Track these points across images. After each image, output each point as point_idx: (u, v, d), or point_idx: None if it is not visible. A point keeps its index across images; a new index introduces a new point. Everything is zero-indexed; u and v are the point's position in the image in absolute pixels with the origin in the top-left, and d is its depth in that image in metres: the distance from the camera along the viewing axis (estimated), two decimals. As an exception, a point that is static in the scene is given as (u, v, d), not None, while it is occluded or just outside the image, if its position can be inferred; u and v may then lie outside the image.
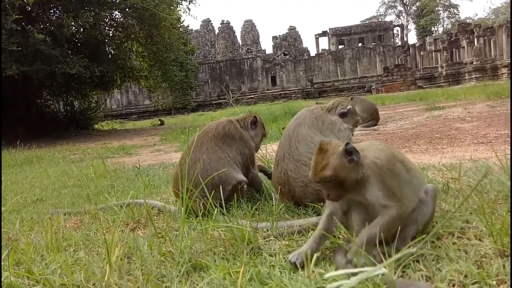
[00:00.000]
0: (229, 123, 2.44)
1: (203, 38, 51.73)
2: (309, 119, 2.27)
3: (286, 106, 15.42)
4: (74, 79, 15.82)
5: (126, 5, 15.86)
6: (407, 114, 9.04)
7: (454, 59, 37.90)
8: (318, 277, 1.27)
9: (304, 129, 2.20)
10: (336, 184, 1.35)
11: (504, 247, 1.32)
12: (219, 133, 2.37)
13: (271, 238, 1.73)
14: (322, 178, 1.35)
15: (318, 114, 2.32)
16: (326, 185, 1.37)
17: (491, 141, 4.03)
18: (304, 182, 2.08)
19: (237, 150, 2.38)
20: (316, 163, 1.37)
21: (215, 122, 2.51)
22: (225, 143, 2.35)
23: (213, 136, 2.34)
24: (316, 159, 1.37)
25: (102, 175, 4.41)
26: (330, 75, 46.57)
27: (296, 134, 2.20)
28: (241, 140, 2.43)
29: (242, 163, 2.40)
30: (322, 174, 1.35)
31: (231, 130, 2.41)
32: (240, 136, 2.43)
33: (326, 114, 2.36)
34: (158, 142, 10.11)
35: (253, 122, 2.54)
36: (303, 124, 2.24)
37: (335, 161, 1.34)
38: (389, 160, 1.41)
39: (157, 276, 1.45)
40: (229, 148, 2.36)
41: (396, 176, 1.40)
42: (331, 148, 1.37)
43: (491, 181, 2.14)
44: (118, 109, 44.12)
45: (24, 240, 2.01)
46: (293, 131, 2.23)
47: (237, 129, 2.44)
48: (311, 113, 2.32)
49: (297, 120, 2.30)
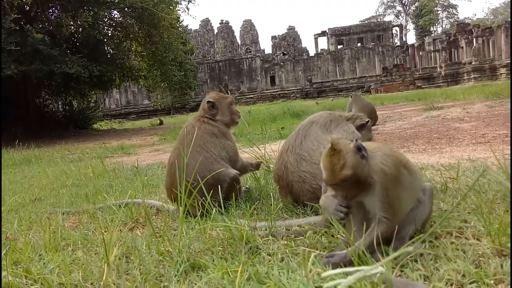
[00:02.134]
0: (199, 122, 2.40)
1: (202, 38, 51.73)
2: (323, 120, 2.26)
3: (285, 106, 15.43)
4: (73, 79, 15.80)
5: (125, 5, 15.85)
6: (406, 114, 9.05)
7: (453, 59, 37.94)
8: (316, 276, 1.27)
9: (315, 128, 2.20)
10: (353, 183, 1.32)
11: (502, 247, 1.33)
12: (197, 134, 2.32)
13: (269, 237, 1.73)
14: (343, 178, 1.30)
15: (334, 118, 2.30)
16: (343, 185, 1.32)
17: (489, 141, 4.04)
18: (301, 177, 2.08)
19: (220, 145, 2.36)
20: (332, 164, 1.30)
21: (187, 124, 2.45)
22: (206, 141, 2.33)
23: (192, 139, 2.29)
24: (332, 160, 1.31)
25: (100, 174, 4.41)
26: (329, 75, 46.59)
27: (305, 130, 2.20)
28: (220, 133, 2.40)
29: (228, 157, 2.39)
30: (342, 174, 1.29)
31: (207, 128, 2.38)
32: (218, 129, 2.40)
33: (343, 120, 2.34)
34: (157, 142, 10.11)
35: (211, 106, 2.44)
36: (316, 122, 2.23)
37: (351, 159, 1.31)
38: (396, 166, 1.40)
39: (155, 275, 1.45)
40: (212, 144, 2.34)
41: (400, 184, 1.40)
42: (343, 147, 1.33)
43: (489, 181, 2.14)
44: (117, 108, 44.08)
45: (23, 240, 2.01)
46: (304, 126, 2.23)
47: (212, 124, 2.41)
48: (328, 115, 2.31)
49: (312, 118, 2.29)
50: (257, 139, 6.30)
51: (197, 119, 2.45)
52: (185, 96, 40.40)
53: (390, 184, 1.36)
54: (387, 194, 1.35)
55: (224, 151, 2.37)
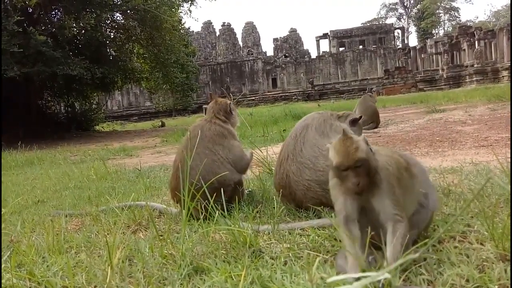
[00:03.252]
0: (209, 124, 2.41)
1: (204, 40, 51.85)
2: (317, 121, 2.25)
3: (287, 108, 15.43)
4: (75, 81, 15.87)
5: (128, 7, 15.92)
6: (408, 117, 9.03)
7: (455, 61, 37.94)
8: (319, 281, 1.27)
9: (311, 132, 2.18)
10: (365, 170, 1.31)
11: (506, 252, 1.32)
12: (206, 135, 2.33)
13: (272, 241, 1.73)
14: (358, 159, 1.29)
15: (326, 117, 2.30)
16: (356, 171, 1.31)
17: (492, 144, 4.02)
18: (305, 185, 2.06)
19: (227, 147, 2.37)
20: (347, 147, 1.31)
21: (195, 125, 2.45)
22: (215, 144, 2.33)
23: (201, 140, 2.30)
24: (345, 144, 1.31)
25: (103, 176, 4.41)
26: (331, 77, 46.61)
27: (302, 136, 2.18)
28: (230, 134, 2.42)
29: (235, 159, 2.38)
30: (357, 155, 1.29)
31: (217, 129, 2.39)
32: (228, 131, 2.43)
33: (335, 119, 2.34)
34: (159, 144, 10.12)
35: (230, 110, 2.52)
36: (311, 126, 2.22)
37: (363, 145, 1.32)
38: (398, 169, 1.41)
39: (159, 278, 1.45)
40: (220, 146, 2.34)
41: (402, 186, 1.39)
42: (354, 136, 1.36)
43: (492, 185, 2.14)
44: (119, 110, 44.18)
45: (26, 242, 2.01)
46: (300, 132, 2.21)
47: (222, 126, 2.43)
48: (320, 116, 2.30)
49: (305, 121, 2.28)
50: (259, 141, 6.30)
51: (208, 121, 2.45)
52: (187, 98, 40.46)
53: (395, 185, 1.36)
54: (394, 192, 1.34)
55: (231, 154, 2.37)
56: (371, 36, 49.69)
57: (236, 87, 46.05)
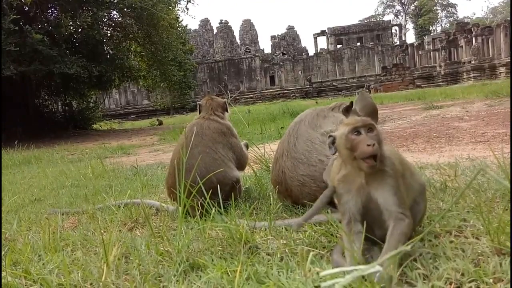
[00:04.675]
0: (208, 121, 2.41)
1: (201, 38, 51.70)
2: (310, 116, 2.26)
3: (285, 105, 15.43)
4: (72, 79, 15.82)
5: (124, 5, 15.85)
6: (406, 113, 9.05)
7: (452, 58, 37.97)
8: (315, 276, 1.27)
9: (304, 127, 2.19)
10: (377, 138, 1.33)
11: (501, 245, 1.33)
12: (206, 134, 2.32)
13: (268, 237, 1.73)
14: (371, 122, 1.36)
15: (320, 111, 2.32)
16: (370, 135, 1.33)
17: (489, 140, 4.04)
18: (300, 181, 2.07)
19: (228, 145, 2.37)
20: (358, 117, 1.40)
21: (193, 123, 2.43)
22: (215, 142, 2.33)
23: (201, 139, 2.30)
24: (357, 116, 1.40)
25: (100, 175, 4.41)
26: (329, 74, 46.61)
27: (295, 131, 2.19)
28: (229, 130, 2.43)
29: (235, 157, 2.39)
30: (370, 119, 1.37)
31: (217, 127, 2.39)
32: (227, 127, 2.43)
33: (328, 111, 2.34)
34: (157, 142, 10.11)
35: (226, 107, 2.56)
36: (304, 121, 2.23)
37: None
38: (402, 165, 1.43)
39: (155, 275, 1.45)
40: (220, 145, 2.34)
41: (405, 183, 1.40)
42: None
43: (488, 180, 2.14)
44: (116, 109, 44.08)
45: (22, 240, 2.01)
46: (293, 128, 2.23)
47: (221, 122, 2.43)
48: (313, 111, 2.32)
49: (299, 118, 2.29)
50: (257, 138, 6.30)
51: (206, 118, 2.43)
52: (185, 96, 40.38)
53: (400, 178, 1.36)
54: (398, 187, 1.33)
55: (231, 151, 2.37)
56: (369, 33, 49.67)
57: (234, 85, 46.00)
